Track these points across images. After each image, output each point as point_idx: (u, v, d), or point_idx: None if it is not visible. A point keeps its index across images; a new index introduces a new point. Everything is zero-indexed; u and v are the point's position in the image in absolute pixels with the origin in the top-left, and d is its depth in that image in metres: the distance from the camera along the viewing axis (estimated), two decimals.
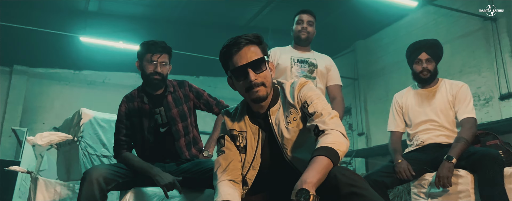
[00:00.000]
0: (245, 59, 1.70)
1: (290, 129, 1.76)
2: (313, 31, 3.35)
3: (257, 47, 1.75)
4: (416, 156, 2.80)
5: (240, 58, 1.71)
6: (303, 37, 3.30)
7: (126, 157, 2.53)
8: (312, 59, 3.31)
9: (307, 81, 1.84)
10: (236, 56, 1.71)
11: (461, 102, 2.80)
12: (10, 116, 10.77)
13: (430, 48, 2.87)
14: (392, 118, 3.04)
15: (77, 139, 3.21)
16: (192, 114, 2.74)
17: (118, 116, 2.64)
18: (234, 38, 1.74)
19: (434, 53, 2.87)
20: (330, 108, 1.75)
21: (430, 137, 2.81)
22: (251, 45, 1.73)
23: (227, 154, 1.82)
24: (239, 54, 1.71)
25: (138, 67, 2.65)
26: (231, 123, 1.88)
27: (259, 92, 1.72)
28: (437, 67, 2.91)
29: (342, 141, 1.58)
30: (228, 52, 1.73)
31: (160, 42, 2.61)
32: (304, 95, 1.77)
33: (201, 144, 2.77)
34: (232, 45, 1.72)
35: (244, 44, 1.71)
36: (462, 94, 2.82)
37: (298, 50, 3.36)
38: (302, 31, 3.30)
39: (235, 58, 1.72)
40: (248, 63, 1.70)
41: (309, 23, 3.31)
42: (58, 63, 11.39)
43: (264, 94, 1.74)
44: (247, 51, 1.71)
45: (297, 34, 3.33)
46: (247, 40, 1.72)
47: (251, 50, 1.72)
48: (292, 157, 1.77)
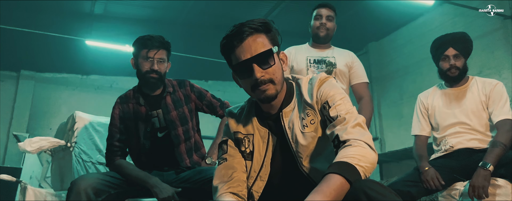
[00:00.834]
0: (249, 53, 1.42)
1: (306, 134, 1.47)
2: (333, 27, 3.01)
3: (264, 36, 1.46)
4: (444, 162, 2.49)
5: (243, 51, 1.43)
6: (322, 34, 2.97)
7: (119, 164, 2.28)
8: (330, 57, 2.97)
9: (328, 76, 1.54)
10: (239, 48, 1.43)
11: (496, 103, 2.49)
12: (16, 121, 10.66)
13: (457, 42, 2.57)
14: (417, 121, 2.74)
15: (70, 145, 2.95)
16: (193, 117, 2.48)
17: (111, 119, 2.39)
18: (237, 25, 1.45)
19: (462, 48, 2.57)
20: (356, 111, 1.44)
21: (460, 141, 2.51)
22: (257, 34, 1.44)
23: (230, 162, 1.54)
24: (242, 46, 1.43)
25: (133, 65, 2.39)
26: (235, 124, 1.60)
27: (267, 91, 1.44)
28: (467, 63, 2.61)
29: (365, 153, 1.27)
30: (230, 44, 1.45)
31: (157, 36, 2.36)
32: (325, 94, 1.47)
33: (203, 150, 2.50)
34: (233, 35, 1.44)
35: (248, 33, 1.43)
36: (497, 94, 2.51)
37: (316, 48, 3.03)
38: (321, 28, 2.96)
39: (238, 51, 1.44)
40: (253, 57, 1.42)
41: (328, 19, 2.98)
42: (66, 68, 11.28)
43: (272, 93, 1.45)
44: (252, 42, 1.43)
45: (315, 32, 3.00)
46: (251, 28, 1.43)
47: (256, 41, 1.43)
48: (308, 168, 1.47)
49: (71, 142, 2.95)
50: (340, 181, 1.17)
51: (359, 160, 1.24)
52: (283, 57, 1.54)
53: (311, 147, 1.47)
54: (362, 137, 1.33)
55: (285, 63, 1.54)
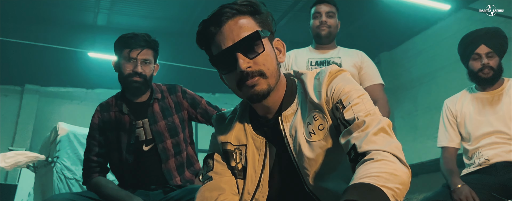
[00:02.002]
0: (230, 39, 1.10)
1: (314, 143, 1.12)
2: (335, 24, 2.65)
3: (250, 18, 1.14)
4: (479, 179, 2.14)
5: (223, 38, 1.11)
6: (324, 33, 2.62)
7: (97, 183, 1.96)
8: (336, 58, 2.62)
9: (341, 69, 1.19)
10: (218, 35, 1.12)
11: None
12: (20, 136, 10.51)
13: (491, 38, 2.24)
14: (443, 131, 2.39)
15: (52, 160, 2.64)
16: (185, 128, 2.14)
17: (89, 129, 2.08)
18: (217, 9, 1.12)
19: (496, 45, 2.24)
20: (379, 113, 1.08)
21: (497, 153, 2.15)
22: (240, 16, 1.12)
23: (216, 182, 1.20)
24: (221, 32, 1.11)
25: (115, 67, 2.08)
26: (223, 133, 1.26)
27: (256, 86, 1.11)
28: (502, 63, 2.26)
29: (394, 170, 0.90)
30: (207, 31, 1.13)
31: (142, 34, 2.05)
32: (337, 91, 1.12)
33: (197, 166, 2.17)
34: (210, 19, 1.12)
35: (229, 15, 1.11)
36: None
37: (319, 49, 2.69)
38: (321, 26, 2.61)
39: (217, 39, 1.12)
40: (235, 43, 1.09)
41: (328, 15, 2.62)
42: (70, 82, 11.18)
43: (263, 89, 1.12)
44: (233, 25, 1.11)
45: (315, 31, 2.65)
46: (233, 9, 1.11)
47: (238, 23, 1.11)
48: (317, 188, 1.12)
49: (53, 156, 2.64)
50: None
51: (386, 180, 0.87)
52: (279, 45, 1.21)
53: (320, 160, 1.12)
54: (388, 147, 0.96)
55: (282, 52, 1.21)
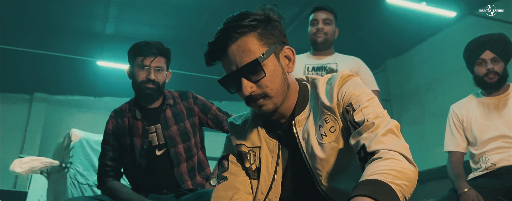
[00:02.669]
0: (234, 64, 1.15)
1: (325, 145, 1.17)
2: (332, 31, 2.72)
3: (255, 38, 1.15)
4: (486, 183, 2.16)
5: (228, 63, 1.17)
6: (320, 40, 2.69)
7: (111, 187, 2.01)
8: (332, 63, 2.68)
9: (352, 74, 1.23)
10: (223, 60, 1.18)
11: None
12: (28, 145, 10.59)
13: (495, 44, 2.29)
14: (450, 135, 2.42)
15: (65, 166, 2.69)
16: (197, 133, 2.20)
17: (104, 135, 2.14)
18: (221, 30, 1.16)
19: (501, 50, 2.27)
20: (388, 115, 1.14)
21: (504, 157, 2.18)
22: (244, 37, 1.14)
23: (231, 181, 1.25)
24: (225, 56, 1.16)
25: (129, 74, 2.15)
26: (238, 136, 1.31)
27: (263, 106, 1.17)
28: (507, 69, 2.30)
29: (401, 168, 0.96)
30: (213, 56, 1.19)
31: (155, 42, 2.11)
32: (348, 95, 1.17)
33: (208, 170, 2.22)
34: (215, 43, 1.16)
35: (233, 40, 1.14)
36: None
37: (316, 55, 2.77)
38: (318, 33, 2.69)
39: (223, 63, 1.18)
40: (239, 69, 1.15)
41: (325, 22, 2.69)
42: (78, 90, 11.27)
43: (270, 108, 1.18)
44: (236, 50, 1.14)
45: (312, 38, 2.72)
46: (236, 32, 1.14)
47: (241, 48, 1.14)
48: (329, 188, 1.17)
49: (66, 162, 2.70)
50: None
51: (394, 177, 0.93)
52: (289, 53, 1.23)
53: (331, 161, 1.17)
54: (396, 147, 1.02)
55: (292, 60, 1.23)
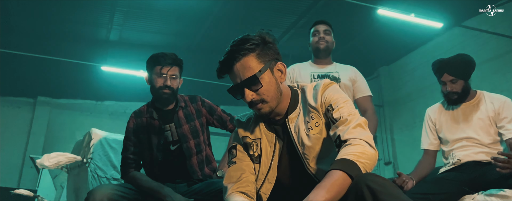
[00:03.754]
0: (238, 78, 1.53)
1: (312, 136, 1.54)
2: (331, 40, 3.10)
3: (254, 57, 1.53)
4: (453, 175, 2.50)
5: (233, 77, 1.55)
6: (322, 46, 3.05)
7: (134, 176, 2.34)
8: (334, 72, 3.05)
9: (332, 82, 1.62)
10: (230, 74, 1.56)
11: (507, 119, 2.49)
12: (32, 147, 10.80)
13: (451, 67, 2.56)
14: (425, 135, 2.77)
15: (86, 161, 3.03)
16: (204, 131, 2.55)
17: (126, 132, 2.47)
18: (228, 52, 1.55)
19: (458, 72, 2.56)
20: (358, 114, 1.52)
21: (468, 154, 2.52)
22: (245, 58, 1.53)
23: (239, 164, 1.61)
24: (231, 72, 1.55)
25: (147, 81, 2.49)
26: (243, 130, 1.68)
27: (262, 109, 1.55)
28: (469, 82, 2.63)
29: (364, 151, 1.36)
30: (223, 71, 1.57)
31: (170, 54, 2.45)
32: (329, 98, 1.55)
33: (214, 164, 2.56)
34: (223, 62, 1.55)
35: (237, 60, 1.53)
36: (507, 110, 2.51)
37: (318, 64, 3.12)
38: (320, 41, 3.05)
39: (230, 77, 1.56)
40: (242, 81, 1.52)
41: (325, 33, 3.07)
42: (81, 94, 11.50)
43: (266, 111, 1.55)
44: (240, 67, 1.53)
45: (315, 46, 3.09)
46: (239, 54, 1.52)
47: (243, 65, 1.52)
48: (315, 169, 1.53)
49: (87, 158, 3.03)
50: (342, 176, 1.25)
51: (359, 157, 1.32)
52: (281, 67, 1.60)
53: (317, 148, 1.54)
54: (362, 136, 1.41)
55: (283, 72, 1.60)
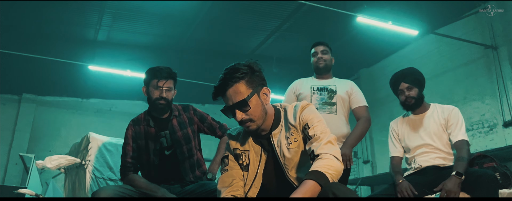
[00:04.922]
0: (231, 100, 1.82)
1: (291, 149, 1.85)
2: (329, 59, 3.46)
3: (244, 84, 1.82)
4: (415, 179, 2.85)
5: (226, 100, 1.83)
6: (321, 65, 3.42)
7: (132, 178, 2.60)
8: (332, 85, 3.40)
9: (309, 104, 1.93)
10: (224, 97, 1.84)
11: (454, 125, 2.89)
12: (17, 144, 10.84)
13: (406, 76, 2.98)
14: (392, 144, 3.13)
15: (85, 163, 3.28)
16: (196, 137, 2.83)
17: (125, 139, 2.73)
18: (222, 79, 1.82)
19: (412, 80, 2.97)
20: (329, 131, 1.84)
21: (427, 160, 2.88)
22: (236, 84, 1.81)
23: (230, 172, 1.92)
24: (225, 96, 1.83)
25: (145, 92, 2.75)
26: (235, 143, 1.98)
27: (249, 127, 1.85)
28: (423, 93, 3.01)
29: (332, 164, 1.67)
30: (217, 95, 1.85)
31: (166, 68, 2.72)
32: (305, 117, 1.86)
33: (204, 167, 2.84)
34: (218, 87, 1.83)
35: (229, 86, 1.81)
36: (454, 118, 2.91)
37: (319, 79, 3.48)
38: (319, 61, 3.42)
39: (224, 98, 1.85)
40: (233, 104, 1.81)
41: (323, 52, 3.44)
42: (66, 92, 11.55)
43: (253, 128, 1.85)
44: (232, 92, 1.81)
45: (315, 65, 3.45)
46: (231, 81, 1.81)
47: (235, 91, 1.80)
48: (294, 177, 1.85)
49: (86, 160, 3.28)
50: (313, 185, 1.58)
51: (328, 169, 1.65)
52: (267, 91, 1.90)
53: (295, 160, 1.86)
54: (331, 151, 1.73)
55: (268, 96, 1.90)
